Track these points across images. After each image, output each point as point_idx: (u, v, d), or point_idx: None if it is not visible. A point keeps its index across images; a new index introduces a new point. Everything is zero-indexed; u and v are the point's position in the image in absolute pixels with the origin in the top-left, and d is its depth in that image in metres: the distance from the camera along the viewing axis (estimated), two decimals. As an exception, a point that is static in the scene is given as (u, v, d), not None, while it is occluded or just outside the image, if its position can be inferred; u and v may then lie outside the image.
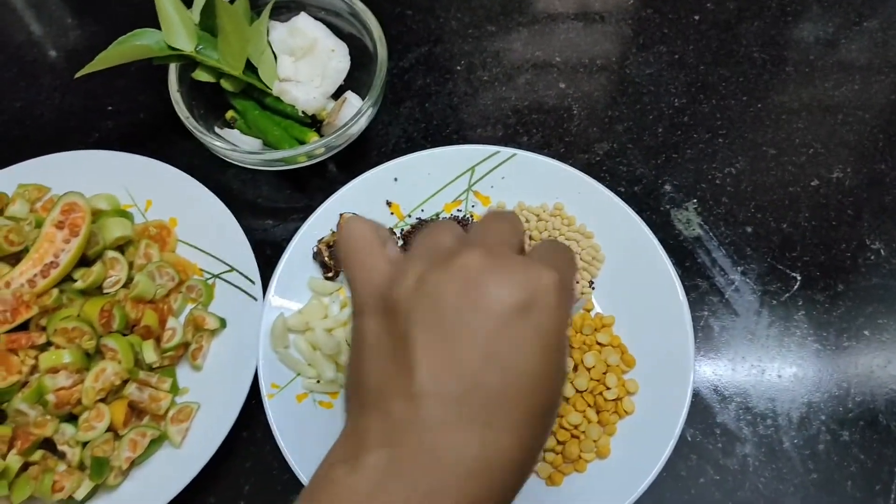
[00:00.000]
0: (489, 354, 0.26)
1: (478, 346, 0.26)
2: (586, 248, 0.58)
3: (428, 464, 0.26)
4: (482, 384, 0.26)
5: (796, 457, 0.54)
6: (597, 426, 0.51)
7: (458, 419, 0.26)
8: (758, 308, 0.59)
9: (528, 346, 0.27)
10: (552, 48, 0.71)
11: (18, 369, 0.50)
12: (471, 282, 0.27)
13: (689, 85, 0.69)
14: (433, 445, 0.26)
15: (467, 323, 0.27)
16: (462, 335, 0.27)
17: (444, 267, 0.28)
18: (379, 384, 0.28)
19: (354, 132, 0.59)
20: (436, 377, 0.26)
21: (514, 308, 0.27)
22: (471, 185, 0.60)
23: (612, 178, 0.64)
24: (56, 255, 0.53)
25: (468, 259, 0.28)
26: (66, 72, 0.70)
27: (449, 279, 0.27)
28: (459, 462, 0.26)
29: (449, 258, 0.28)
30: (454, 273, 0.27)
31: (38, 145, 0.63)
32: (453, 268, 0.28)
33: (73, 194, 0.55)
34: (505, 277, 0.27)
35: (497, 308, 0.27)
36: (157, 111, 0.67)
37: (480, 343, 0.26)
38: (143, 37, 0.57)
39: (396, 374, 0.27)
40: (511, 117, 0.67)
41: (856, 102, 0.68)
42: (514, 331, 0.27)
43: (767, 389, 0.56)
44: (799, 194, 0.64)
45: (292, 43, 0.61)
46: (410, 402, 0.26)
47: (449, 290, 0.27)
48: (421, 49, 0.71)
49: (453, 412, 0.26)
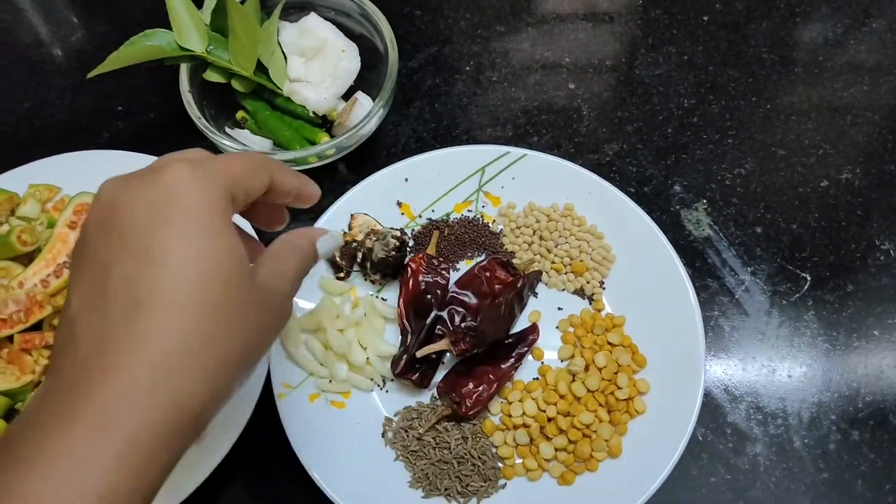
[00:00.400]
0: (125, 249, 0.28)
1: (111, 246, 0.28)
2: (597, 249, 0.58)
3: (71, 383, 0.26)
4: (119, 280, 0.27)
5: (807, 456, 0.54)
6: (608, 426, 0.51)
7: (104, 323, 0.27)
8: (768, 308, 0.59)
9: (162, 227, 0.28)
10: (561, 48, 0.71)
11: (32, 369, 0.50)
12: (101, 204, 0.29)
13: (698, 85, 0.69)
14: (81, 360, 0.27)
15: (99, 239, 0.28)
16: (98, 247, 0.28)
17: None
18: (56, 332, 0.30)
19: (365, 133, 0.60)
20: (80, 293, 0.28)
21: (145, 204, 0.28)
22: (481, 185, 0.60)
23: (622, 178, 0.64)
24: (69, 255, 0.53)
25: (100, 189, 0.30)
26: (76, 72, 0.70)
27: (89, 211, 0.30)
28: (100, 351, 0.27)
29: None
30: (91, 205, 0.30)
31: (49, 145, 0.63)
32: (91, 205, 0.30)
33: (85, 194, 0.55)
34: (132, 186, 0.29)
35: (124, 212, 0.28)
36: (168, 111, 0.67)
37: (115, 245, 0.28)
38: (154, 37, 0.57)
39: (64, 313, 0.29)
40: (521, 118, 0.68)
41: (865, 103, 0.68)
42: (144, 221, 0.28)
43: (778, 389, 0.56)
44: (808, 195, 0.64)
45: (303, 43, 0.61)
46: (68, 330, 0.28)
47: (87, 219, 0.30)
48: (430, 49, 0.71)
49: (97, 317, 0.27)
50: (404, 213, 0.59)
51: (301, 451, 0.49)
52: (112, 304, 0.27)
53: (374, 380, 0.54)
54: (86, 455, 0.25)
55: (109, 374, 0.26)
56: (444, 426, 0.52)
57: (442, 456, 0.51)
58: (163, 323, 0.27)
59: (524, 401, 0.53)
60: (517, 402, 0.53)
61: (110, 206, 0.29)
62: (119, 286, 0.27)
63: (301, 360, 0.53)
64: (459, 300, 0.55)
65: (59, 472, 0.25)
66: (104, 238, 0.28)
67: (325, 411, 0.52)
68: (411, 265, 0.55)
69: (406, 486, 0.50)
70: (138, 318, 0.27)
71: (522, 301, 0.56)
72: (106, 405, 0.25)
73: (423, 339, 0.53)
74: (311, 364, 0.53)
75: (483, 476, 0.50)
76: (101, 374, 0.26)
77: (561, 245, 0.58)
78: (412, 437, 0.51)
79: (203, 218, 0.28)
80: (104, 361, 0.26)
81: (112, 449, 0.25)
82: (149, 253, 0.27)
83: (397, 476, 0.51)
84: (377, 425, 0.52)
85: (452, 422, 0.52)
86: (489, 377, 0.52)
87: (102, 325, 0.27)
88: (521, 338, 0.55)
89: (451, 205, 0.60)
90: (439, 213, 0.60)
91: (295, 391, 0.52)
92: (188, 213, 0.28)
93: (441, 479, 0.50)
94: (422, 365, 0.53)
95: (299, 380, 0.53)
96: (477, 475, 0.50)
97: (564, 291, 0.58)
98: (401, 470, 0.51)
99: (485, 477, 0.50)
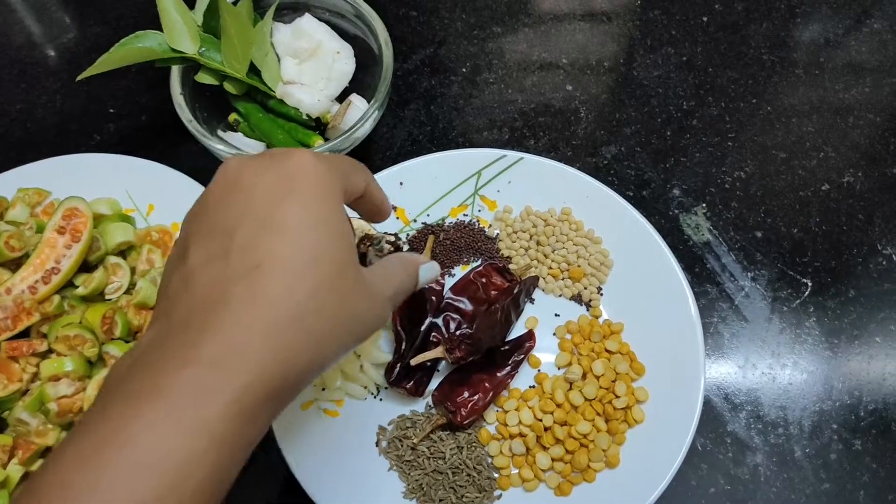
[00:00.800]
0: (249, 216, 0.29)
1: (235, 212, 0.30)
2: (594, 254, 0.57)
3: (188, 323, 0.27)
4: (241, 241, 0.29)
5: (808, 466, 0.53)
6: (606, 435, 0.51)
7: (223, 276, 0.28)
8: (768, 314, 0.58)
9: (286, 201, 0.30)
10: (558, 50, 0.71)
11: (19, 377, 0.49)
12: (227, 175, 0.31)
13: (697, 87, 0.68)
14: (198, 305, 0.28)
15: (223, 205, 0.30)
16: (221, 212, 0.30)
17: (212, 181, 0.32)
18: (165, 280, 0.31)
19: (360, 136, 0.59)
20: (201, 248, 0.29)
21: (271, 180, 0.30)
22: (477, 189, 0.59)
23: (620, 181, 0.63)
24: (57, 260, 0.52)
25: (227, 163, 0.31)
26: (67, 74, 0.69)
27: (212, 181, 0.31)
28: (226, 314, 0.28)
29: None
30: (216, 176, 0.31)
31: (39, 148, 0.62)
32: (216, 173, 0.31)
33: (74, 199, 0.54)
34: (258, 163, 0.31)
35: (250, 183, 0.30)
36: (160, 114, 0.66)
37: (239, 211, 0.30)
38: (146, 39, 0.56)
39: (178, 262, 0.30)
40: (517, 120, 0.67)
41: (866, 105, 0.67)
42: (270, 194, 0.30)
43: (778, 397, 0.55)
44: (809, 198, 0.63)
45: (296, 45, 0.60)
46: (183, 281, 0.29)
47: (211, 187, 0.31)
48: (426, 51, 0.70)
49: (217, 271, 0.28)
50: (399, 217, 0.58)
51: (292, 460, 0.48)
52: (234, 261, 0.28)
53: (367, 388, 0.53)
54: (205, 391, 0.26)
55: (227, 321, 0.27)
56: (439, 435, 0.51)
57: (436, 466, 0.50)
58: (279, 286, 0.28)
59: (520, 409, 0.52)
60: (513, 411, 0.52)
61: (237, 176, 0.31)
62: (241, 247, 0.29)
63: (293, 368, 0.52)
64: (455, 307, 0.54)
65: (180, 404, 0.25)
66: (229, 203, 0.30)
67: (317, 420, 0.51)
68: (406, 271, 0.54)
69: (400, 497, 0.49)
70: (257, 277, 0.28)
71: (519, 307, 0.55)
72: (224, 347, 0.27)
73: (417, 346, 0.52)
74: (304, 372, 0.52)
75: (478, 487, 0.49)
76: (219, 318, 0.27)
77: (558, 250, 0.57)
78: (406, 447, 0.50)
79: (324, 197, 0.31)
80: (221, 309, 0.27)
81: (230, 389, 0.26)
82: (272, 220, 0.29)
83: (391, 486, 0.50)
84: (371, 434, 0.52)
85: (447, 431, 0.51)
86: (485, 385, 0.51)
87: (223, 277, 0.28)
88: (518, 345, 0.54)
89: (447, 209, 0.59)
90: (434, 217, 0.59)
91: (287, 399, 0.51)
92: (311, 190, 0.30)
93: (436, 489, 0.49)
94: (416, 373, 0.52)
95: (292, 388, 0.52)
96: (472, 486, 0.49)
97: (561, 297, 0.57)
98: (395, 480, 0.50)
99: (480, 487, 0.49)
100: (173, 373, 0.26)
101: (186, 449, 0.25)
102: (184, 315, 0.28)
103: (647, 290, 0.55)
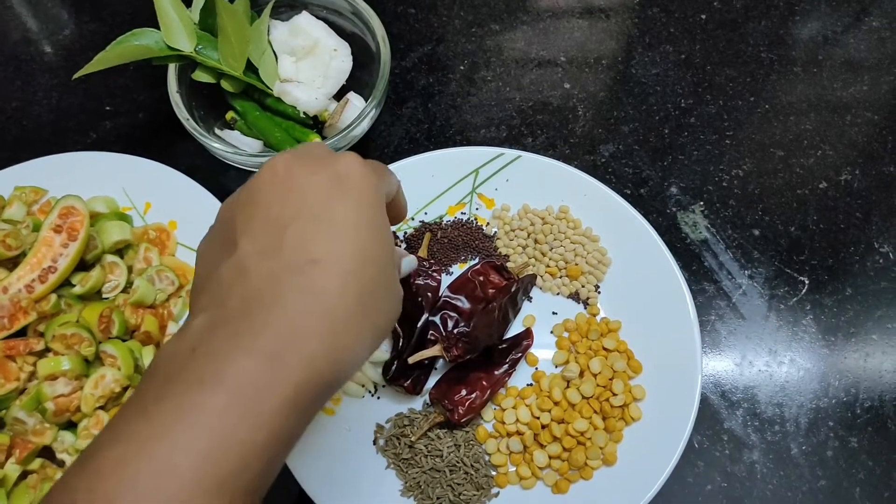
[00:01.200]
0: (302, 213, 0.30)
1: (287, 208, 0.30)
2: (592, 252, 0.57)
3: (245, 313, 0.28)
4: (295, 237, 0.29)
5: (804, 463, 0.53)
6: (603, 433, 0.51)
7: (278, 269, 0.29)
8: (765, 312, 0.58)
9: (338, 201, 0.31)
10: (556, 47, 0.70)
11: (16, 376, 0.49)
12: (276, 171, 0.31)
13: (695, 85, 0.68)
14: (253, 296, 0.28)
15: (274, 200, 0.31)
16: (273, 206, 0.30)
17: (259, 171, 0.32)
18: (210, 266, 0.31)
19: (357, 134, 0.59)
20: (253, 240, 0.30)
21: (322, 180, 0.31)
22: (475, 187, 0.59)
23: (618, 180, 0.63)
24: (54, 259, 0.52)
25: (276, 159, 0.32)
26: (64, 71, 0.69)
27: (260, 175, 0.32)
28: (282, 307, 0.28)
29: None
30: (264, 171, 0.32)
31: (35, 146, 0.62)
32: (263, 168, 0.32)
33: (70, 197, 0.54)
34: (308, 162, 0.32)
35: (301, 182, 0.31)
36: (157, 112, 0.66)
37: (291, 208, 0.30)
38: (142, 37, 0.56)
39: (223, 250, 0.31)
40: (515, 118, 0.67)
41: (864, 103, 0.67)
42: (322, 193, 0.31)
43: (775, 395, 0.55)
44: (807, 196, 0.63)
45: (294, 43, 0.60)
46: (236, 271, 0.29)
47: (259, 181, 0.32)
48: (423, 48, 0.70)
49: (271, 264, 0.29)
50: (397, 215, 0.58)
51: (290, 458, 0.48)
52: (288, 255, 0.29)
53: (365, 386, 0.53)
54: (266, 385, 0.26)
55: (284, 315, 0.27)
56: (437, 433, 0.51)
57: (434, 464, 0.50)
58: (334, 282, 0.29)
59: (518, 407, 0.52)
60: (511, 409, 0.52)
61: (287, 174, 0.31)
62: (296, 242, 0.29)
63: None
64: (452, 305, 0.54)
65: (243, 396, 0.26)
66: (281, 199, 0.31)
67: (315, 418, 0.51)
68: (403, 269, 0.54)
69: (398, 495, 0.49)
70: (313, 271, 0.29)
71: (516, 305, 0.55)
72: (282, 341, 0.27)
73: (415, 344, 0.52)
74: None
75: (476, 484, 0.49)
76: (276, 311, 0.28)
77: (556, 248, 0.57)
78: (404, 445, 0.50)
79: (372, 201, 0.32)
80: (278, 301, 0.28)
81: (289, 384, 0.26)
82: (325, 219, 0.30)
83: (389, 484, 0.50)
84: (368, 432, 0.52)
85: (445, 429, 0.51)
86: (482, 383, 0.51)
87: (278, 269, 0.29)
88: (515, 343, 0.54)
89: (445, 207, 0.59)
90: (432, 215, 0.59)
91: (285, 398, 0.51)
92: (362, 193, 0.31)
93: (433, 487, 0.49)
94: (414, 371, 0.52)
95: (289, 386, 0.52)
96: (469, 483, 0.49)
97: (559, 296, 0.57)
98: (392, 478, 0.50)
99: (477, 485, 0.49)
100: (235, 363, 0.26)
101: (249, 441, 0.25)
102: (240, 305, 0.28)
103: (645, 288, 0.55)
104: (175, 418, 0.25)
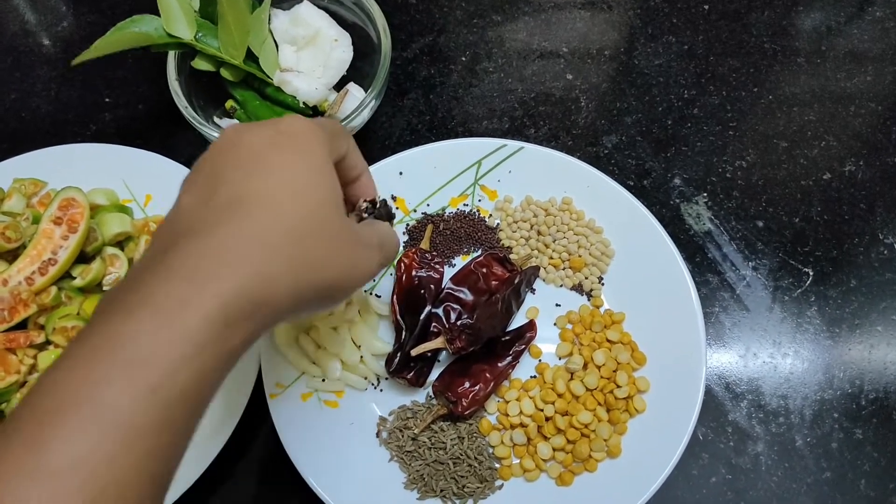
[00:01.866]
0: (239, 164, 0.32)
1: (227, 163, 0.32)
2: (595, 244, 0.56)
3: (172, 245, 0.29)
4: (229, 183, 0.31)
5: (809, 455, 0.53)
6: (607, 425, 0.50)
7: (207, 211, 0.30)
8: (769, 304, 0.58)
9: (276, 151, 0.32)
10: (559, 38, 0.70)
11: (17, 369, 0.49)
12: (226, 136, 0.33)
13: (698, 76, 0.68)
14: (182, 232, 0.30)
15: (217, 159, 0.32)
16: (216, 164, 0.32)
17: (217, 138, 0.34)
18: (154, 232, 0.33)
19: (357, 124, 0.58)
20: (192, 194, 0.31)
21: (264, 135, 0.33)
22: (477, 178, 0.59)
23: (621, 171, 0.63)
24: (54, 251, 0.52)
25: (229, 127, 0.34)
26: (63, 63, 0.68)
27: (212, 144, 0.34)
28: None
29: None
30: (216, 139, 0.34)
31: (34, 138, 0.62)
32: (214, 141, 0.34)
33: (71, 189, 0.54)
34: (255, 126, 0.34)
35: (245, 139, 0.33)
36: (157, 103, 0.66)
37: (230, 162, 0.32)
38: (142, 23, 0.55)
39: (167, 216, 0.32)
40: (517, 109, 0.66)
41: (868, 94, 0.67)
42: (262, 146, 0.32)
43: (779, 386, 0.55)
44: (811, 188, 0.63)
45: (294, 32, 0.60)
46: (169, 221, 0.31)
47: (210, 148, 0.33)
48: (425, 39, 0.70)
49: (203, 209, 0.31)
50: (399, 207, 0.58)
51: (293, 451, 0.48)
52: (217, 199, 0.31)
53: (368, 378, 0.53)
54: (186, 302, 0.27)
55: (205, 241, 0.29)
56: (440, 426, 0.51)
57: (437, 456, 0.49)
58: (260, 215, 0.30)
59: (521, 400, 0.52)
60: (514, 401, 0.51)
61: (232, 137, 0.33)
62: (226, 188, 0.31)
63: (293, 359, 0.52)
64: (455, 297, 0.54)
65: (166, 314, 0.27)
66: (221, 158, 0.32)
67: (317, 411, 0.51)
68: (404, 260, 0.54)
69: (401, 488, 0.49)
70: (238, 207, 0.30)
71: (520, 297, 0.55)
72: (202, 262, 0.28)
73: (417, 336, 0.52)
74: (304, 363, 0.52)
75: (479, 477, 0.49)
76: (198, 239, 0.29)
77: (559, 240, 0.57)
78: (407, 437, 0.50)
79: (314, 149, 0.33)
80: (200, 233, 0.29)
81: (208, 299, 0.28)
82: (258, 165, 0.32)
83: (392, 477, 0.50)
84: (371, 425, 0.51)
85: (448, 421, 0.51)
86: (486, 375, 0.51)
87: (206, 209, 0.30)
88: (519, 335, 0.53)
89: (447, 199, 0.59)
90: (435, 207, 0.58)
91: (287, 390, 0.51)
92: (301, 142, 0.33)
93: (437, 480, 0.49)
94: (417, 363, 0.52)
95: (291, 379, 0.52)
96: (473, 476, 0.49)
97: (562, 287, 0.56)
98: (395, 471, 0.50)
99: (481, 478, 0.49)
100: (158, 287, 0.28)
101: (174, 353, 0.27)
102: (167, 240, 0.30)
103: (649, 279, 0.54)
104: (104, 340, 0.27)
